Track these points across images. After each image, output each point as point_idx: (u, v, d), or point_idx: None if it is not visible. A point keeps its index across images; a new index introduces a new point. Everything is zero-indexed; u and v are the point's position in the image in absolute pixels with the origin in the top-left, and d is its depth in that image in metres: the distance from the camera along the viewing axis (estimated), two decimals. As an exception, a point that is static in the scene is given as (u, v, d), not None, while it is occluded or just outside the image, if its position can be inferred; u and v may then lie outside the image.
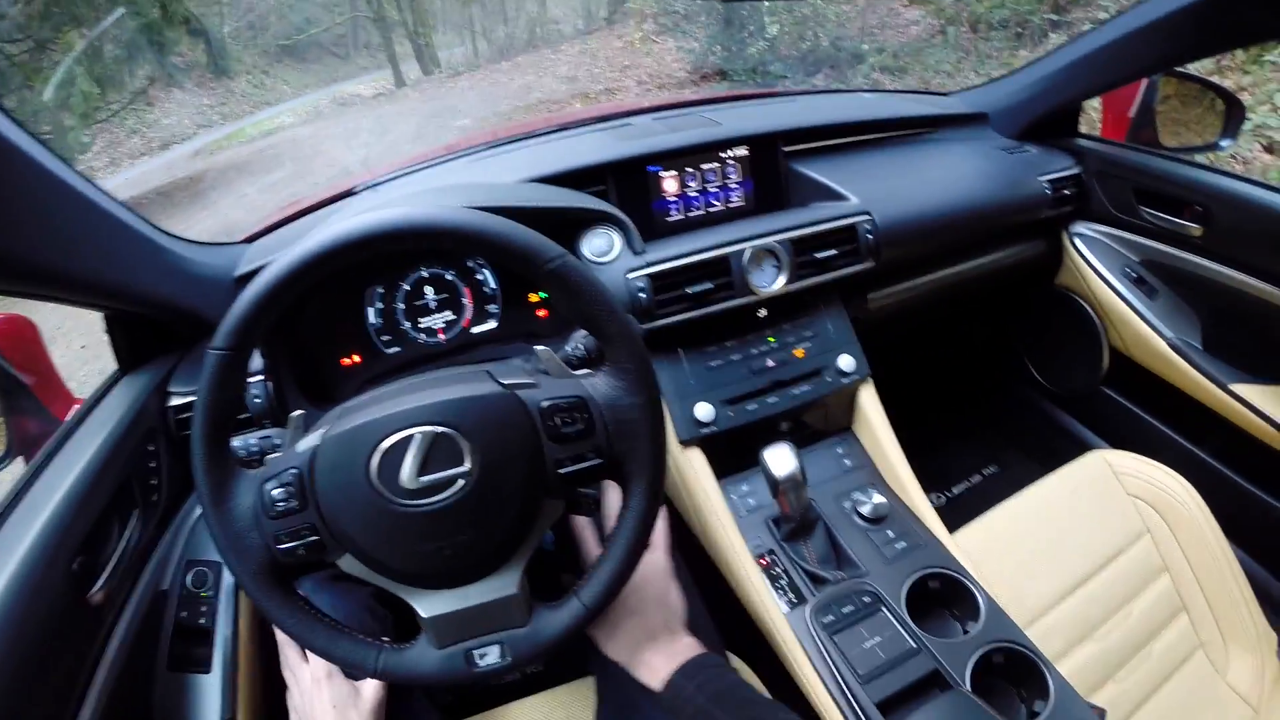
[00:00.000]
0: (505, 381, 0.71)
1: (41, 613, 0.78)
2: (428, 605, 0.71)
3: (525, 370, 0.76)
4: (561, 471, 0.71)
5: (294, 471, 0.68)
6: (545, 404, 0.70)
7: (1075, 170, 1.56)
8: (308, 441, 0.70)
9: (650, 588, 0.90)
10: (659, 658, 0.84)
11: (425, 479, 0.66)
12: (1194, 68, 1.49)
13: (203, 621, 1.01)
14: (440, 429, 0.66)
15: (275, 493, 0.68)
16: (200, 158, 12.73)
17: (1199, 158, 1.49)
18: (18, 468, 1.19)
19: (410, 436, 0.66)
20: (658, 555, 0.93)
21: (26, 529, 0.83)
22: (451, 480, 0.66)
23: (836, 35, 7.87)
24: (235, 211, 8.30)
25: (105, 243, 0.94)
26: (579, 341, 0.88)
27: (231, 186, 9.85)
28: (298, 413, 0.76)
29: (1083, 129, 1.67)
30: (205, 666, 0.99)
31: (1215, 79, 1.46)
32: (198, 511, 1.09)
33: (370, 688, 0.90)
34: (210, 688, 0.97)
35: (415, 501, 0.66)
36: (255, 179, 9.95)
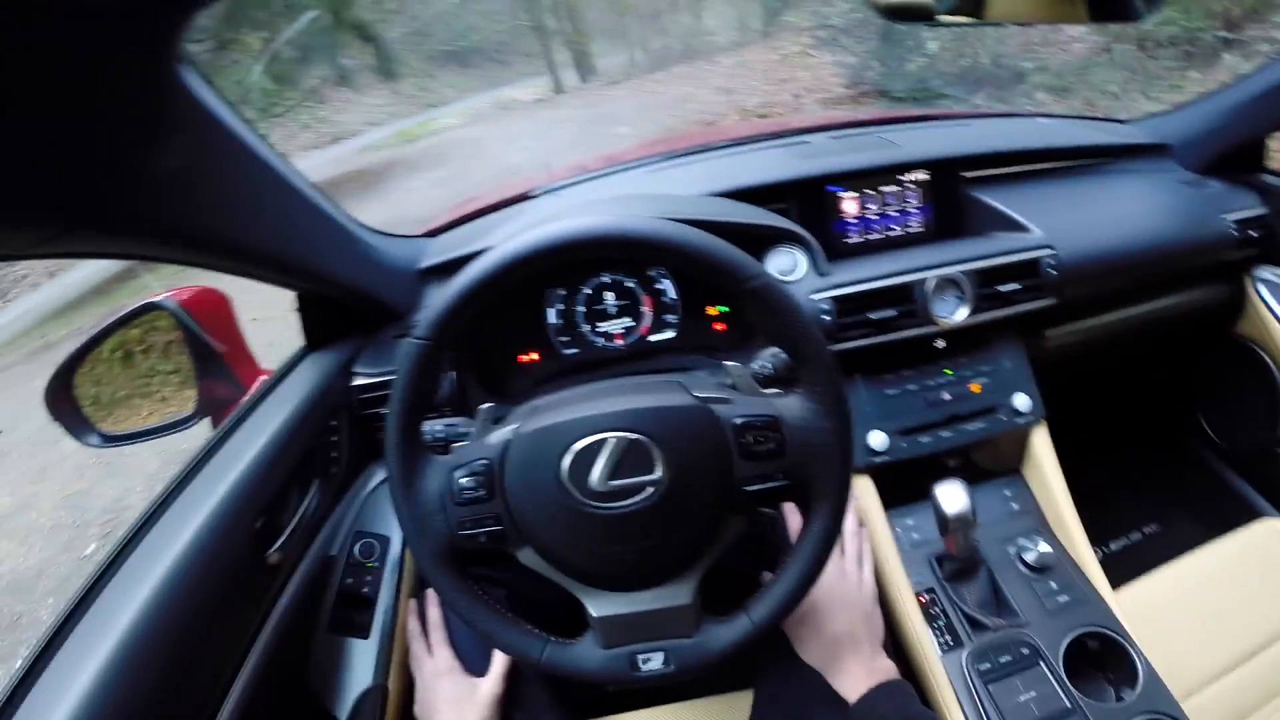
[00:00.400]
0: (699, 394, 0.72)
1: (225, 565, 0.83)
2: (600, 605, 0.73)
3: (715, 384, 0.78)
4: (747, 489, 0.72)
5: (484, 462, 0.71)
6: (738, 421, 0.71)
7: (1263, 210, 1.45)
8: (500, 435, 0.73)
9: (851, 598, 0.93)
10: (859, 667, 0.87)
11: (615, 483, 0.67)
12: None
13: (366, 590, 1.07)
14: (634, 435, 0.68)
15: (464, 481, 0.71)
16: (368, 153, 13.29)
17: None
18: (203, 428, 1.27)
19: (604, 440, 0.68)
20: (865, 573, 0.97)
21: (216, 486, 0.88)
22: (641, 486, 0.68)
23: (997, 53, 7.54)
24: (403, 205, 8.61)
25: (308, 228, 0.99)
26: (767, 359, 0.88)
27: (398, 181, 10.25)
28: (487, 405, 0.80)
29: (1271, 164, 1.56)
30: (364, 632, 1.04)
31: None
32: (370, 485, 1.16)
33: (488, 684, 0.94)
34: (366, 652, 1.03)
35: (603, 504, 0.68)
36: (421, 175, 10.32)
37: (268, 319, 1.17)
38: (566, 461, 0.68)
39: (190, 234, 0.74)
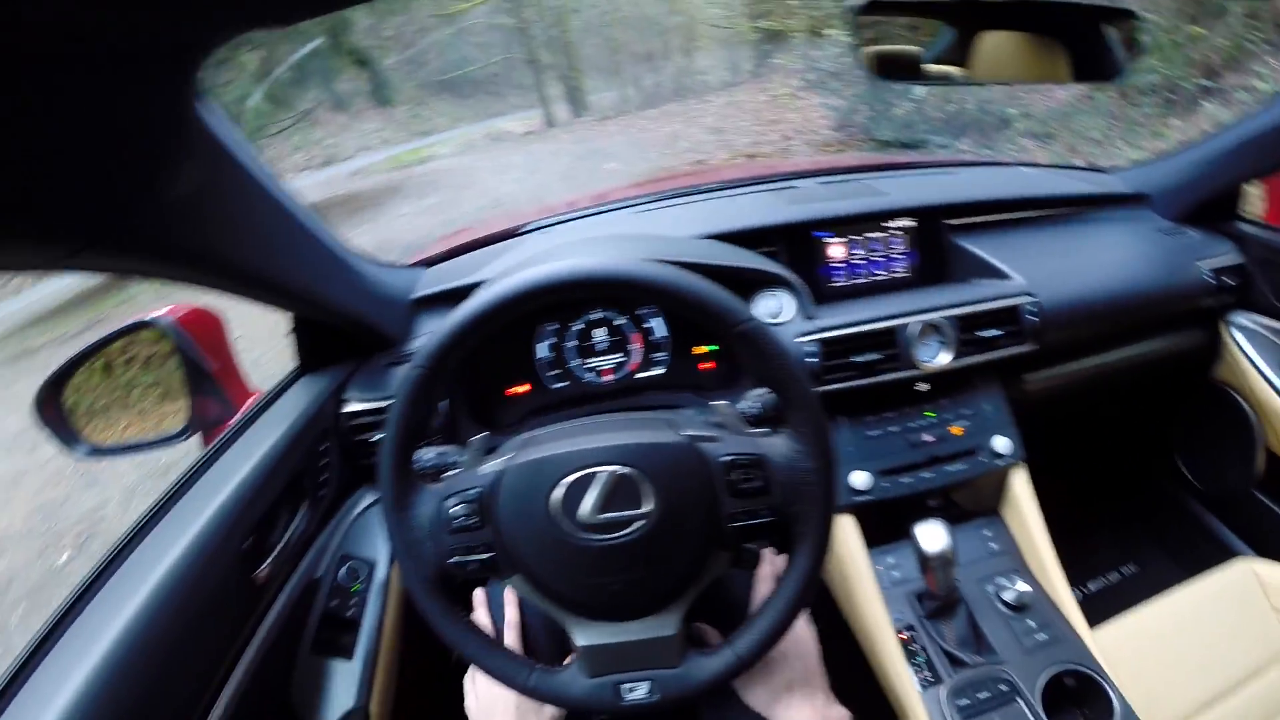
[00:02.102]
0: (687, 432, 0.74)
1: (212, 583, 0.84)
2: (586, 634, 0.74)
3: (703, 423, 0.80)
4: (733, 525, 0.73)
5: (477, 491, 0.72)
6: (725, 458, 0.73)
7: (1237, 258, 1.48)
8: (493, 465, 0.74)
9: (802, 645, 0.91)
10: (814, 715, 0.84)
11: (605, 516, 0.69)
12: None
13: (351, 613, 1.08)
14: (625, 470, 0.70)
15: (456, 509, 0.72)
16: (359, 177, 13.45)
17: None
18: (190, 445, 1.28)
19: (595, 473, 0.69)
20: (804, 623, 0.94)
21: (206, 504, 0.88)
22: (630, 520, 0.69)
23: (983, 99, 7.62)
24: (391, 231, 8.67)
25: (308, 255, 0.99)
26: (754, 400, 0.89)
27: (386, 207, 10.32)
28: (480, 435, 0.82)
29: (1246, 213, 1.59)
30: (348, 654, 1.04)
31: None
32: (358, 509, 1.17)
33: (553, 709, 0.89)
34: (349, 674, 1.03)
35: (593, 536, 0.69)
36: (410, 201, 10.39)
37: (251, 337, 1.18)
38: (558, 493, 0.69)
39: (197, 256, 0.75)
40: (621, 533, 0.69)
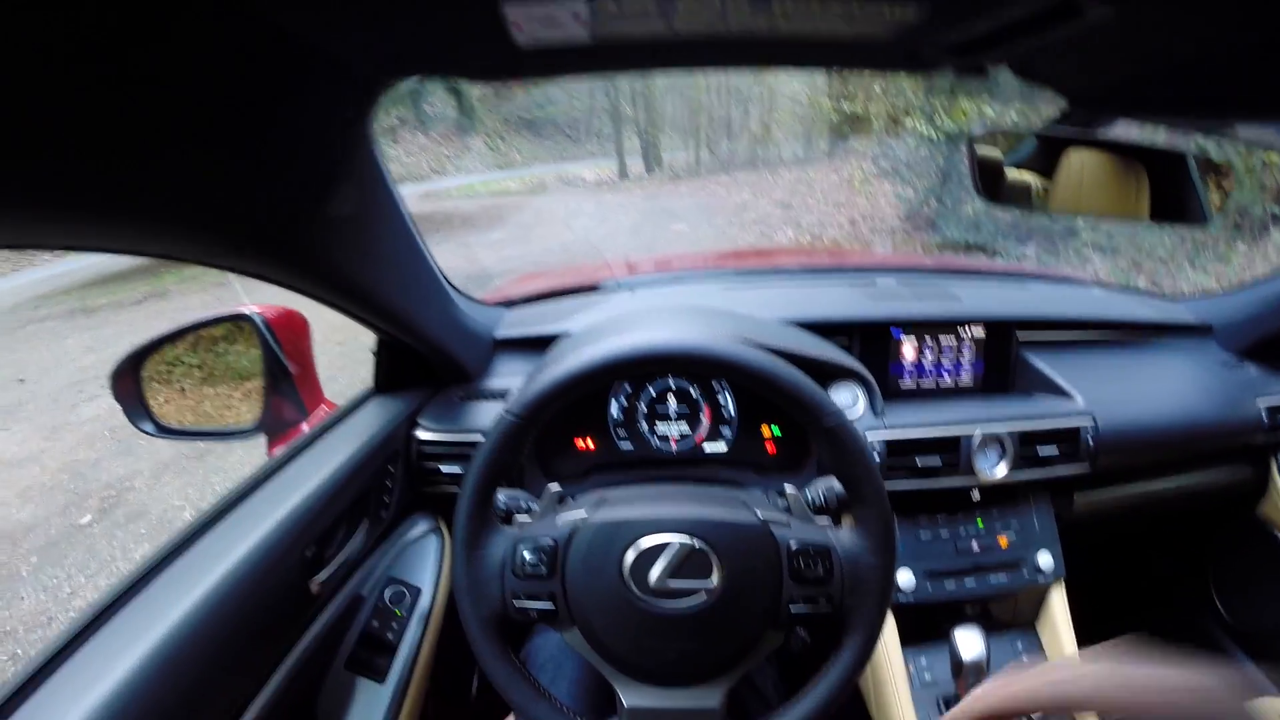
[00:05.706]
0: (760, 514, 0.77)
1: (274, 585, 0.86)
2: (632, 695, 0.76)
3: (772, 505, 0.83)
4: (793, 609, 0.75)
5: (550, 541, 0.75)
6: (794, 544, 0.75)
7: None
8: (568, 517, 0.77)
9: None
10: None
11: (673, 583, 0.72)
12: None
13: (390, 636, 1.09)
14: (697, 542, 0.73)
15: (528, 555, 0.75)
16: (430, 200, 13.76)
17: None
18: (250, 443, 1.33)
19: (668, 543, 0.73)
20: None
21: (275, 508, 0.91)
22: (696, 590, 0.72)
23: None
24: (454, 259, 8.72)
25: (418, 283, 1.04)
26: (820, 489, 0.92)
27: (454, 234, 10.51)
28: (555, 487, 0.85)
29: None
30: (380, 676, 1.06)
31: None
32: (411, 534, 1.21)
33: None
34: (379, 697, 1.04)
35: (657, 601, 0.72)
36: (477, 233, 10.58)
37: (316, 346, 1.24)
38: (630, 555, 0.73)
39: (333, 272, 0.81)
40: (685, 602, 0.72)
